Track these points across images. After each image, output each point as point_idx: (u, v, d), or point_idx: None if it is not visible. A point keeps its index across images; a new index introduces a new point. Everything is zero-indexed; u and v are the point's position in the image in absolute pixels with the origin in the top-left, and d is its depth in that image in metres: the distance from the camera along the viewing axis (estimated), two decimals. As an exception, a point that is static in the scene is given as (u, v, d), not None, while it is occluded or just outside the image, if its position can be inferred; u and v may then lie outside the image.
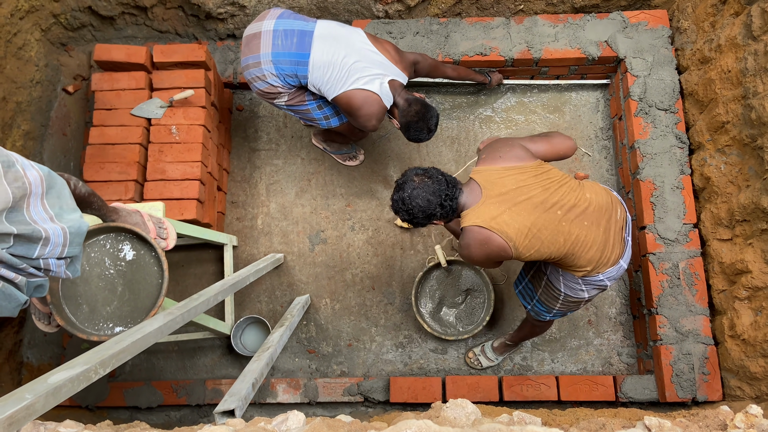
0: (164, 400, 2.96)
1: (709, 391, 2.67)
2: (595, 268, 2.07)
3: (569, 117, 3.37)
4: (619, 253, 2.11)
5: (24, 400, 1.22)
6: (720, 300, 2.72)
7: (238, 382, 1.97)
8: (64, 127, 3.41)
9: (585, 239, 1.99)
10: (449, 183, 1.93)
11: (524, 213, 1.91)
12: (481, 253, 1.94)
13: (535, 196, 1.93)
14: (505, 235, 1.88)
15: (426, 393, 2.85)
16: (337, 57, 2.49)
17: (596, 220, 2.01)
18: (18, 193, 1.38)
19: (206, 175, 3.03)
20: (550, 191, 1.95)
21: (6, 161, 1.36)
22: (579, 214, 1.98)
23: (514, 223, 1.89)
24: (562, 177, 2.03)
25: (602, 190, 2.11)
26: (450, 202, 1.92)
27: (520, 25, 3.17)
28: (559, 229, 1.94)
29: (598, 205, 2.03)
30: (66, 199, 1.58)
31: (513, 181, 1.93)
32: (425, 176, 1.93)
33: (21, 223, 1.40)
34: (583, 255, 2.01)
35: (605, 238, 2.04)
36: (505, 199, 1.91)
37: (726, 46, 2.65)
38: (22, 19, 3.06)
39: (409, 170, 1.98)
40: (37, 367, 3.13)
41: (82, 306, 1.99)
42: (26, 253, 1.45)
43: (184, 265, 3.24)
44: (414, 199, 1.90)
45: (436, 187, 1.90)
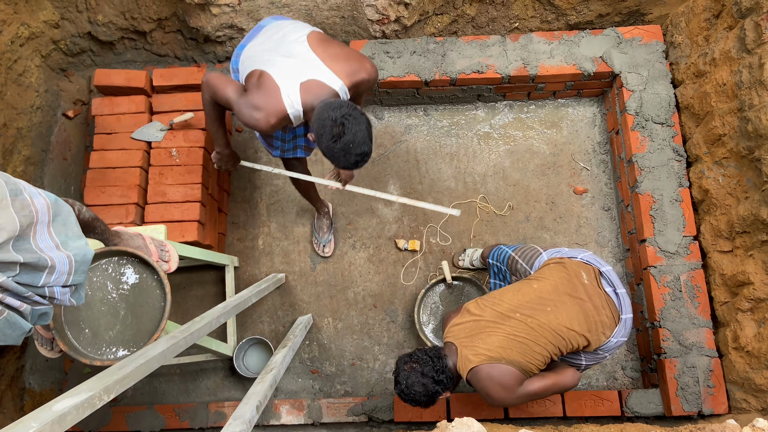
0: (167, 425, 2.93)
1: (714, 404, 2.66)
2: (597, 338, 2.10)
3: (566, 132, 3.39)
4: (609, 312, 2.13)
5: (30, 428, 1.21)
6: (722, 312, 2.72)
7: (242, 404, 1.96)
8: (64, 151, 3.43)
9: (558, 320, 2.05)
10: (433, 358, 2.04)
11: (492, 332, 2.04)
12: (499, 389, 2.00)
13: (489, 316, 2.08)
14: (493, 359, 1.99)
15: (431, 412, 2.84)
16: (262, 47, 2.21)
17: (557, 301, 2.09)
18: (25, 222, 1.38)
19: (207, 197, 3.04)
20: (498, 305, 2.11)
21: (14, 189, 1.37)
22: (535, 305, 2.08)
23: (490, 345, 2.01)
24: (500, 290, 2.20)
25: (553, 270, 2.18)
26: (443, 375, 2.02)
27: (516, 43, 3.21)
28: (530, 326, 2.04)
29: (551, 287, 2.12)
30: (72, 227, 1.58)
31: (468, 319, 2.11)
32: (412, 362, 2.04)
33: (27, 251, 1.40)
34: (572, 334, 2.06)
35: (580, 308, 2.09)
36: (471, 333, 2.06)
37: (720, 60, 2.68)
38: (23, 46, 3.10)
39: (398, 360, 2.09)
40: (39, 393, 3.12)
41: (85, 330, 1.98)
42: (32, 281, 1.44)
43: (186, 287, 3.24)
44: (412, 388, 2.01)
45: (425, 368, 2.01)
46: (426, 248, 3.25)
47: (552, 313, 2.05)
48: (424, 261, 3.23)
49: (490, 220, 3.27)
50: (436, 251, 3.24)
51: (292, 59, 2.10)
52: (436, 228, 3.27)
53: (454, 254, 3.20)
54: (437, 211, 2.43)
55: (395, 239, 3.26)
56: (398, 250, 3.25)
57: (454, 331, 2.10)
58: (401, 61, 3.19)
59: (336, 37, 3.37)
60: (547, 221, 3.24)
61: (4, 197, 1.33)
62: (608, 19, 3.29)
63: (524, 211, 3.27)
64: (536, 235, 3.22)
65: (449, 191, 3.32)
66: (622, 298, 2.17)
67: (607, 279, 2.19)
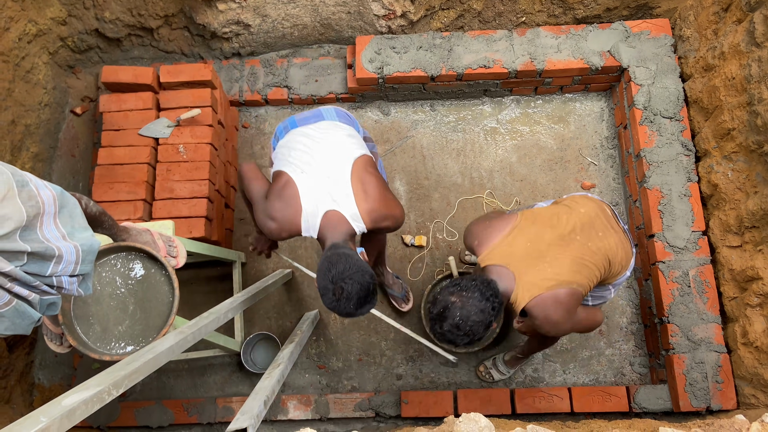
0: (175, 419, 2.95)
1: (723, 399, 2.65)
2: (621, 269, 2.13)
3: (574, 127, 3.37)
4: (628, 244, 2.16)
5: (39, 423, 1.22)
6: (731, 307, 2.71)
7: (250, 399, 1.97)
8: (72, 148, 3.45)
9: (609, 246, 2.04)
10: (484, 282, 1.80)
11: (559, 256, 1.91)
12: (563, 313, 1.88)
13: (550, 239, 1.94)
14: (564, 282, 1.86)
15: (438, 407, 2.84)
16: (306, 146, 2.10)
17: (603, 226, 2.08)
18: (32, 212, 1.41)
19: (214, 193, 3.05)
20: (556, 227, 1.98)
21: (20, 180, 1.39)
22: (589, 229, 2.03)
23: (559, 270, 1.87)
24: (551, 211, 2.08)
25: (584, 199, 2.16)
26: (497, 299, 1.79)
27: (523, 37, 3.19)
28: (591, 250, 1.97)
29: (594, 212, 2.09)
30: (78, 218, 1.60)
31: (522, 241, 1.91)
32: (460, 291, 1.79)
33: (34, 241, 1.43)
34: (616, 260, 2.06)
35: (619, 238, 2.10)
36: (532, 257, 1.88)
37: (729, 53, 2.66)
38: (30, 43, 3.11)
39: (442, 292, 1.83)
40: (48, 388, 3.14)
41: (94, 326, 1.99)
42: (39, 270, 1.47)
43: (193, 283, 3.25)
44: (469, 320, 1.75)
45: (480, 293, 1.77)
46: (432, 244, 3.25)
47: (604, 239, 2.02)
48: (430, 256, 3.23)
49: (497, 216, 3.26)
50: (443, 247, 3.24)
51: (328, 179, 2.00)
52: (443, 224, 3.27)
53: (461, 250, 3.20)
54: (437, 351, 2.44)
55: (402, 235, 3.26)
56: (405, 245, 3.25)
57: (504, 253, 1.88)
58: (407, 57, 3.19)
59: (342, 32, 3.37)
60: (554, 216, 3.23)
61: (10, 188, 1.35)
62: (616, 13, 3.26)
63: (531, 206, 3.26)
64: (543, 230, 3.21)
65: (456, 186, 3.32)
66: (628, 234, 2.21)
67: (617, 215, 2.22)
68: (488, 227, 1.98)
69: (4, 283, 1.39)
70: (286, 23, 3.28)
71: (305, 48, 3.51)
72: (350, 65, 3.30)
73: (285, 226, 1.99)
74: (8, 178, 1.36)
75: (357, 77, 3.19)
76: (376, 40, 3.23)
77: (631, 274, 2.23)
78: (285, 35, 3.38)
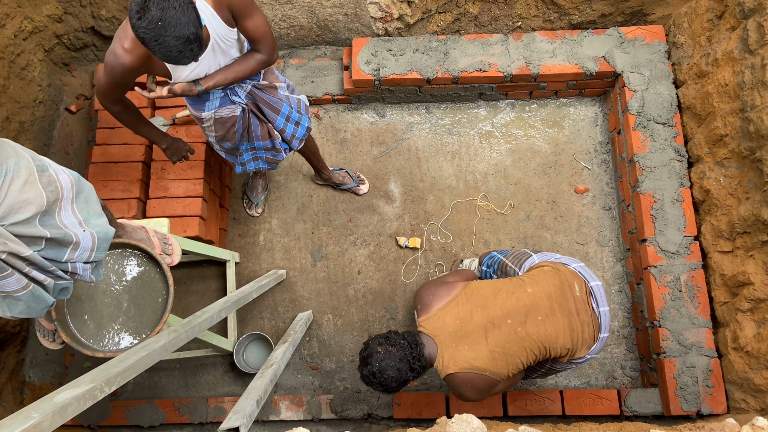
0: (166, 419, 2.94)
1: (713, 403, 2.67)
2: (576, 352, 2.08)
3: (568, 131, 3.39)
4: (592, 330, 2.10)
5: (31, 419, 1.22)
6: (722, 312, 2.73)
7: (242, 399, 1.97)
8: (66, 146, 3.44)
9: (547, 333, 2.01)
10: (412, 344, 1.95)
11: (479, 340, 1.97)
12: (474, 392, 2.01)
13: (478, 320, 1.98)
14: (477, 369, 1.95)
15: (430, 409, 2.84)
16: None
17: (549, 310, 2.03)
18: (51, 197, 1.41)
19: (209, 192, 3.05)
20: (489, 307, 2.00)
21: (40, 165, 1.40)
22: (528, 312, 2.01)
23: (475, 355, 1.95)
24: (494, 286, 2.07)
25: (548, 275, 2.10)
26: (418, 363, 1.94)
27: (519, 42, 3.21)
28: (519, 336, 1.98)
29: (545, 294, 2.05)
30: (93, 204, 1.61)
31: (452, 317, 1.99)
32: (388, 344, 1.93)
33: (53, 227, 1.44)
34: (556, 347, 2.04)
35: (568, 323, 2.04)
36: (457, 336, 1.97)
37: (723, 60, 2.68)
38: (26, 40, 3.10)
39: (370, 341, 1.98)
40: (39, 387, 3.12)
41: (88, 322, 1.99)
42: (56, 256, 1.48)
43: (187, 282, 3.25)
44: (384, 372, 1.90)
45: (402, 353, 1.91)
46: (427, 246, 3.25)
47: (542, 324, 2.01)
48: (424, 258, 3.24)
49: (491, 219, 3.27)
50: (437, 249, 3.25)
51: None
52: (437, 226, 3.27)
53: (453, 263, 3.21)
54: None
55: (396, 236, 3.27)
56: (399, 247, 3.26)
57: (434, 326, 1.99)
58: (404, 59, 3.20)
59: (338, 34, 3.37)
60: (548, 220, 3.25)
61: (31, 172, 1.36)
62: (611, 19, 3.29)
63: (525, 209, 3.28)
64: (537, 233, 3.23)
65: (450, 189, 3.33)
66: (604, 317, 2.14)
67: (595, 296, 2.14)
68: (431, 295, 2.07)
69: (23, 268, 1.40)
70: (283, 24, 3.29)
71: (302, 49, 3.52)
72: (347, 67, 3.31)
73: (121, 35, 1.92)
74: (29, 162, 1.37)
75: (353, 79, 3.20)
76: (373, 42, 3.24)
77: (596, 355, 2.17)
78: (282, 36, 3.38)
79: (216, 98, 2.31)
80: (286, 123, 2.55)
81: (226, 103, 2.34)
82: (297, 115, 2.58)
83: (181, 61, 1.77)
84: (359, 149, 3.43)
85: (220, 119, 2.38)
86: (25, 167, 1.35)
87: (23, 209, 1.34)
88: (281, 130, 2.56)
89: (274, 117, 2.48)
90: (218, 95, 2.30)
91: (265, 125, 2.53)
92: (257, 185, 3.28)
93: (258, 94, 2.39)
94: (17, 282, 1.41)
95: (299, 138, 2.66)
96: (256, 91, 2.38)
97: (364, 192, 3.33)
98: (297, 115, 2.57)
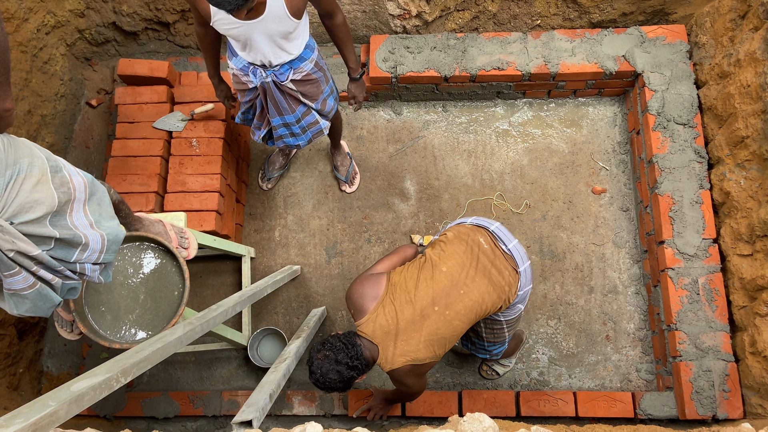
0: (181, 411, 2.97)
1: (729, 408, 2.63)
2: (507, 298, 2.16)
3: (586, 131, 3.37)
4: (511, 270, 2.17)
5: (48, 407, 1.24)
6: (740, 316, 2.69)
7: (256, 393, 1.98)
8: (87, 139, 3.48)
9: (472, 302, 2.08)
10: (348, 345, 2.03)
11: (413, 334, 2.05)
12: (414, 379, 2.15)
13: (408, 316, 2.05)
14: (417, 360, 2.05)
15: (442, 407, 2.84)
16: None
17: (467, 278, 2.10)
18: (63, 198, 1.43)
19: (225, 188, 3.07)
20: (415, 301, 2.07)
21: (54, 166, 1.42)
22: (449, 292, 2.07)
23: (414, 348, 2.04)
24: (413, 277, 2.12)
25: (453, 244, 2.16)
26: (357, 362, 2.03)
27: (537, 40, 3.19)
28: (448, 318, 2.06)
29: (458, 265, 2.12)
30: (105, 207, 1.63)
31: (383, 318, 2.07)
32: (325, 350, 2.03)
33: (63, 227, 1.45)
34: (486, 308, 2.12)
35: (488, 280, 2.12)
36: (392, 335, 2.05)
37: (745, 61, 2.64)
38: (48, 35, 3.14)
39: (311, 349, 2.09)
40: (57, 377, 3.17)
41: (105, 314, 2.01)
42: (65, 256, 1.49)
43: (202, 276, 3.27)
44: (327, 375, 2.01)
45: (339, 355, 2.01)
46: (441, 244, 3.25)
47: (466, 295, 2.07)
48: (439, 257, 3.23)
49: (507, 218, 3.26)
50: (452, 247, 3.24)
51: None
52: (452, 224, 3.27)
53: None
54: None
55: (411, 234, 3.27)
56: (413, 245, 3.25)
57: (370, 328, 2.08)
58: (421, 57, 3.19)
59: (356, 32, 3.38)
60: (564, 220, 3.22)
61: (44, 173, 1.38)
62: (632, 18, 3.25)
63: (541, 209, 3.26)
64: (553, 233, 3.21)
65: (466, 188, 3.32)
66: (516, 251, 2.21)
67: (498, 236, 2.22)
68: (360, 297, 2.13)
69: (30, 266, 1.42)
70: (301, 21, 3.30)
71: (320, 46, 3.52)
72: (364, 64, 3.31)
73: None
74: (43, 163, 1.39)
75: (370, 76, 3.20)
76: (391, 40, 3.24)
77: (531, 286, 2.26)
78: (300, 33, 3.39)
79: (241, 62, 2.38)
80: (281, 126, 2.61)
81: (246, 72, 2.41)
82: (298, 130, 2.64)
83: (223, 5, 1.80)
84: (375, 146, 3.43)
85: (237, 78, 2.48)
86: (38, 167, 1.36)
87: (34, 209, 1.35)
88: (273, 127, 2.63)
89: (273, 114, 2.54)
90: (243, 62, 2.37)
91: (264, 113, 2.60)
92: (276, 161, 3.32)
93: (272, 90, 2.42)
94: (24, 280, 1.43)
95: (285, 143, 2.72)
96: (273, 87, 2.40)
97: (349, 191, 3.35)
98: (298, 129, 2.64)
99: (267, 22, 2.07)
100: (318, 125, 2.67)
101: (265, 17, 2.05)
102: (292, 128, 2.61)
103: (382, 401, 2.74)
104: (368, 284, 2.15)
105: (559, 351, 3.04)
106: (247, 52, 2.28)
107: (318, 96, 2.54)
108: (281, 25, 2.10)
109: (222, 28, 2.14)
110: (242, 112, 2.69)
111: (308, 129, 2.66)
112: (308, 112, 2.58)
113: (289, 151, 3.32)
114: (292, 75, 2.38)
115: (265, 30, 2.11)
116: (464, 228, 2.23)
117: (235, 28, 2.10)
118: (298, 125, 2.60)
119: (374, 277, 2.17)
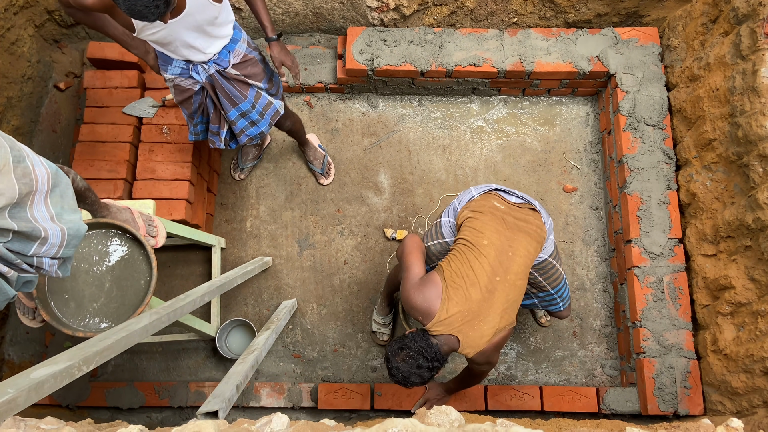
0: (146, 402, 2.93)
1: (690, 405, 2.70)
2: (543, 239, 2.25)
3: (559, 130, 3.40)
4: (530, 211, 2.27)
5: (6, 394, 1.21)
6: (703, 315, 2.75)
7: (222, 383, 1.97)
8: (54, 123, 3.40)
9: (523, 256, 2.16)
10: (425, 348, 2.05)
11: (489, 311, 2.09)
12: (497, 353, 2.22)
13: (477, 297, 2.09)
14: (500, 330, 2.12)
15: (411, 400, 2.85)
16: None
17: (507, 241, 2.17)
18: (24, 190, 1.38)
19: (196, 176, 3.03)
20: (477, 281, 2.10)
21: (18, 156, 1.36)
22: (501, 260, 2.14)
23: (493, 323, 2.09)
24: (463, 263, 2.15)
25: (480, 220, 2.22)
26: (437, 362, 2.07)
27: (514, 38, 3.21)
28: (511, 281, 2.13)
29: (494, 232, 2.18)
30: (68, 200, 1.57)
31: (455, 309, 2.09)
32: (403, 353, 2.07)
33: (22, 219, 1.40)
34: (533, 256, 2.21)
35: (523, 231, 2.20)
36: (468, 321, 2.09)
37: (715, 65, 2.70)
38: (16, 15, 3.05)
39: (388, 352, 2.11)
40: (18, 365, 3.10)
41: (69, 302, 1.97)
42: (22, 249, 1.44)
43: (171, 266, 3.23)
44: (408, 378, 2.07)
45: (419, 360, 2.05)
46: (414, 238, 3.25)
47: (515, 255, 2.14)
48: (411, 251, 3.23)
49: (479, 214, 3.28)
50: (424, 242, 3.25)
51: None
52: (425, 219, 3.28)
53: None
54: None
55: (383, 228, 3.27)
56: (386, 239, 3.26)
57: (446, 325, 2.10)
58: (398, 50, 3.19)
59: (334, 23, 3.36)
60: (535, 217, 3.26)
61: (6, 163, 1.32)
62: (606, 19, 3.29)
63: (513, 206, 3.28)
64: (524, 230, 3.24)
65: (440, 183, 3.33)
66: (523, 196, 2.32)
67: (504, 193, 2.32)
68: (424, 301, 2.13)
69: None
70: (278, 9, 3.26)
71: (296, 36, 3.49)
72: (340, 56, 3.30)
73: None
74: (6, 152, 1.33)
75: (347, 68, 3.19)
76: (368, 32, 3.22)
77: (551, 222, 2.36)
78: (276, 22, 3.36)
79: (178, 66, 2.37)
80: (239, 117, 2.57)
81: (186, 75, 2.40)
82: (256, 116, 2.60)
83: (147, 17, 1.78)
84: (350, 139, 3.42)
85: (179, 87, 2.45)
86: (1, 157, 1.31)
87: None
88: (231, 122, 2.58)
89: (228, 107, 2.51)
90: (180, 65, 2.36)
91: (219, 111, 2.56)
92: (250, 152, 3.29)
93: (219, 81, 2.41)
94: None
95: (249, 136, 2.67)
96: (219, 77, 2.40)
97: (325, 183, 3.34)
98: (256, 115, 2.60)
99: (191, 15, 2.07)
100: (272, 106, 2.64)
101: (188, 11, 2.05)
102: (250, 116, 2.58)
103: (440, 393, 2.73)
104: (426, 287, 2.15)
105: (527, 346, 3.08)
106: (180, 53, 2.27)
107: (262, 75, 2.53)
108: (206, 13, 2.11)
109: (151, 38, 2.14)
110: (193, 125, 2.66)
111: (265, 112, 2.63)
112: (259, 95, 2.56)
113: (262, 141, 3.28)
114: (232, 59, 2.38)
115: (193, 23, 2.11)
116: (475, 203, 2.29)
117: (160, 30, 2.09)
118: (255, 111, 2.58)
119: (427, 278, 2.18)
